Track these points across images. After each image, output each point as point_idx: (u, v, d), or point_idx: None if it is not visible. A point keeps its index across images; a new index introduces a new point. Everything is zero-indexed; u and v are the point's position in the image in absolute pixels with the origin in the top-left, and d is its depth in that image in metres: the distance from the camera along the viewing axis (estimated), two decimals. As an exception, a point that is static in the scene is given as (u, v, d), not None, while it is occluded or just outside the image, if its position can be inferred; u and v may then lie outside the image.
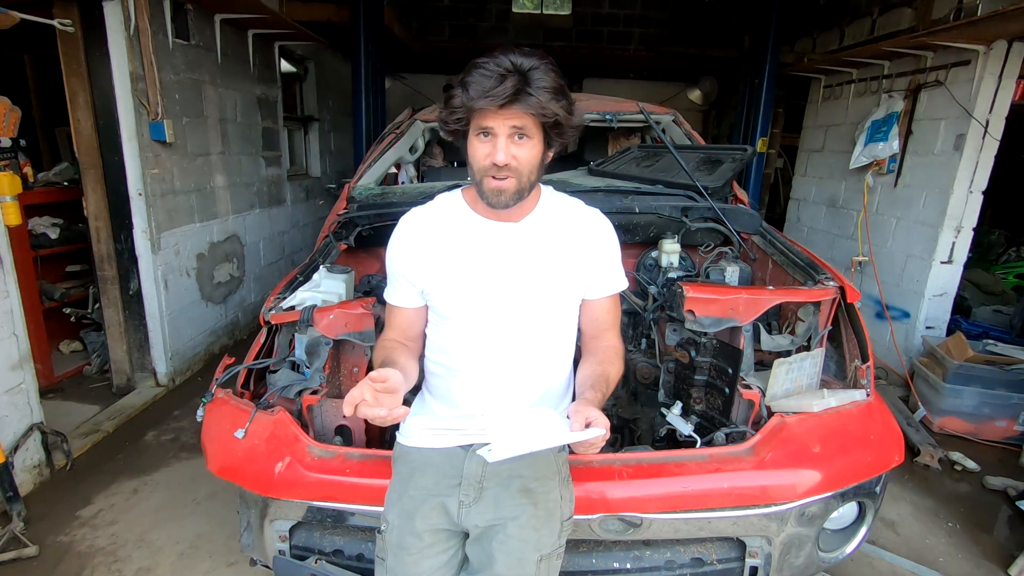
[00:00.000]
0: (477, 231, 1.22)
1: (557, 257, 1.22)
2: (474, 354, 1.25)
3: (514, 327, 1.23)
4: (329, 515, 1.39)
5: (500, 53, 1.05)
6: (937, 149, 3.42)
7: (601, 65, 7.22)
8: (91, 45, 2.86)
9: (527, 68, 1.04)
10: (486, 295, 1.21)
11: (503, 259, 1.21)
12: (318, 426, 1.60)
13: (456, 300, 1.23)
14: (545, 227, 1.23)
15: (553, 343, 1.28)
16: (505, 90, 1.01)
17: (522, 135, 1.08)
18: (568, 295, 1.26)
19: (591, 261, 1.26)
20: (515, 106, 1.03)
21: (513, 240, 1.22)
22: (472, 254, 1.21)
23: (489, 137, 1.08)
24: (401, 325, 1.31)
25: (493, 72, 1.03)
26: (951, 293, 3.50)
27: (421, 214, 1.28)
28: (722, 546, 1.44)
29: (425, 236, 1.24)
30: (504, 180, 1.10)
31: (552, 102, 1.05)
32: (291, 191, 4.96)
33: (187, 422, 2.99)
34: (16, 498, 2.19)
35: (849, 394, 1.53)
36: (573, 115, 1.10)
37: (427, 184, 2.79)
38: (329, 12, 4.83)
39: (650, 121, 2.64)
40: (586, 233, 1.26)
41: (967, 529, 2.36)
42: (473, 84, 1.04)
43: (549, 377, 1.29)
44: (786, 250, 2.01)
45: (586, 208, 1.30)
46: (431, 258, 1.23)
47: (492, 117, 1.05)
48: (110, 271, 3.16)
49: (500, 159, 1.07)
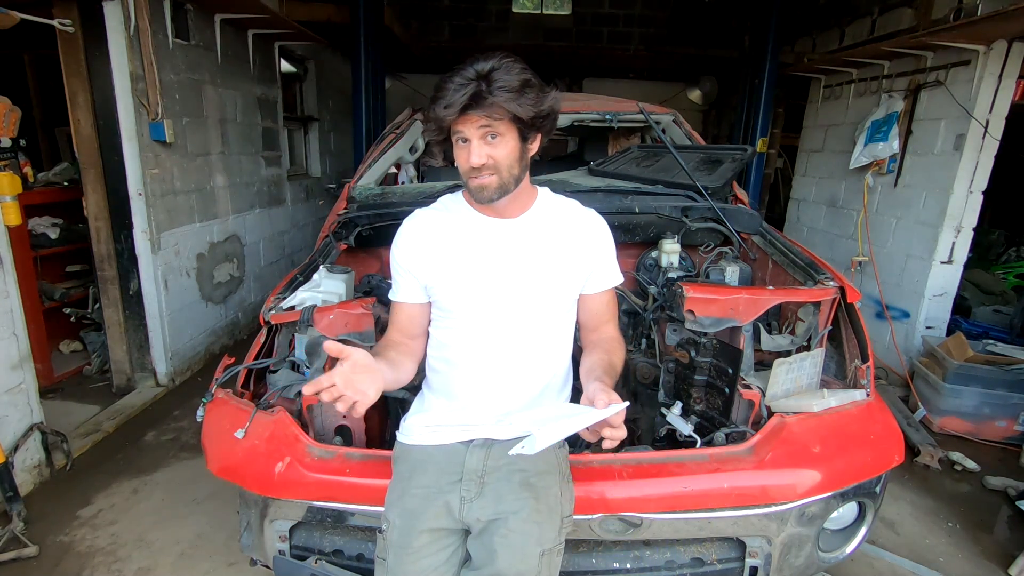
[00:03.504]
0: (477, 227, 1.27)
1: (555, 252, 1.27)
2: (475, 347, 1.28)
3: (514, 320, 1.26)
4: (329, 515, 1.39)
5: (469, 63, 1.11)
6: (937, 149, 3.42)
7: (601, 65, 7.23)
8: (91, 45, 2.87)
9: (487, 71, 1.09)
10: (487, 288, 1.25)
11: (503, 253, 1.25)
12: (318, 426, 1.60)
13: (458, 293, 1.27)
14: (543, 223, 1.28)
15: (552, 336, 1.32)
16: (463, 98, 1.07)
17: (494, 135, 1.13)
18: (566, 289, 1.31)
19: (588, 257, 1.30)
20: (473, 111, 1.09)
21: (512, 235, 1.27)
22: (473, 248, 1.26)
23: (466, 142, 1.15)
24: (403, 322, 1.34)
25: (457, 83, 1.09)
26: (951, 293, 3.49)
27: (424, 213, 1.34)
28: (722, 546, 1.44)
29: (429, 232, 1.29)
30: (484, 177, 1.16)
31: (511, 101, 1.09)
32: (291, 191, 4.96)
33: (187, 422, 2.99)
34: (16, 498, 2.19)
35: (849, 394, 1.53)
36: (543, 105, 1.14)
37: (427, 184, 2.79)
38: (329, 12, 4.83)
39: (650, 121, 2.64)
40: (582, 230, 1.31)
41: (967, 529, 2.36)
42: (440, 97, 1.10)
43: (548, 370, 1.32)
44: (786, 250, 2.01)
45: (582, 208, 1.35)
46: (435, 253, 1.27)
47: (462, 123, 1.12)
48: (110, 271, 3.16)
49: (475, 161, 1.13)
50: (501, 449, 1.20)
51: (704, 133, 7.40)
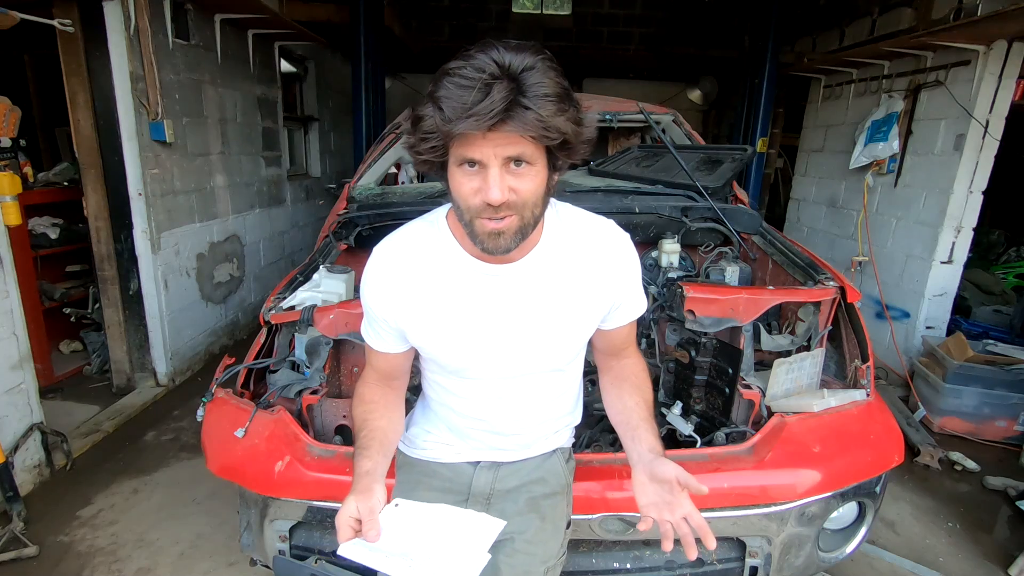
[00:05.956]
0: (468, 275, 0.98)
1: (567, 295, 1.00)
2: (474, 398, 1.11)
3: (518, 375, 1.07)
4: (329, 515, 1.38)
5: (479, 51, 0.78)
6: (937, 149, 3.42)
7: (601, 65, 7.22)
8: (91, 45, 2.87)
9: (519, 69, 0.77)
10: (485, 347, 1.02)
11: (502, 307, 0.99)
12: (318, 426, 1.60)
13: (450, 353, 1.04)
14: (551, 261, 0.99)
15: (560, 381, 1.13)
16: (493, 105, 0.75)
17: (520, 161, 0.82)
18: (578, 334, 1.06)
19: (610, 290, 1.03)
20: (507, 126, 0.77)
21: (512, 285, 0.98)
22: (465, 302, 0.99)
23: (476, 168, 0.83)
24: (383, 368, 1.11)
25: (473, 80, 0.76)
26: (951, 293, 3.49)
27: (399, 248, 1.01)
28: (722, 546, 1.44)
29: (406, 277, 1.00)
30: (502, 220, 0.85)
31: (557, 115, 0.78)
32: (291, 191, 4.96)
33: (187, 422, 2.99)
34: (16, 498, 2.18)
35: (849, 394, 1.53)
36: (583, 127, 0.84)
37: (427, 184, 2.78)
38: (329, 12, 4.83)
39: (650, 121, 2.64)
40: (602, 258, 1.02)
41: (967, 529, 2.36)
42: (448, 100, 0.77)
43: (555, 408, 1.17)
44: (786, 250, 2.01)
45: (598, 225, 1.04)
46: (415, 304, 1.00)
47: (479, 144, 0.79)
48: (110, 271, 3.16)
49: (495, 197, 0.81)
50: (509, 470, 1.16)
51: (704, 133, 7.40)
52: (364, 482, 0.94)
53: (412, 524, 0.96)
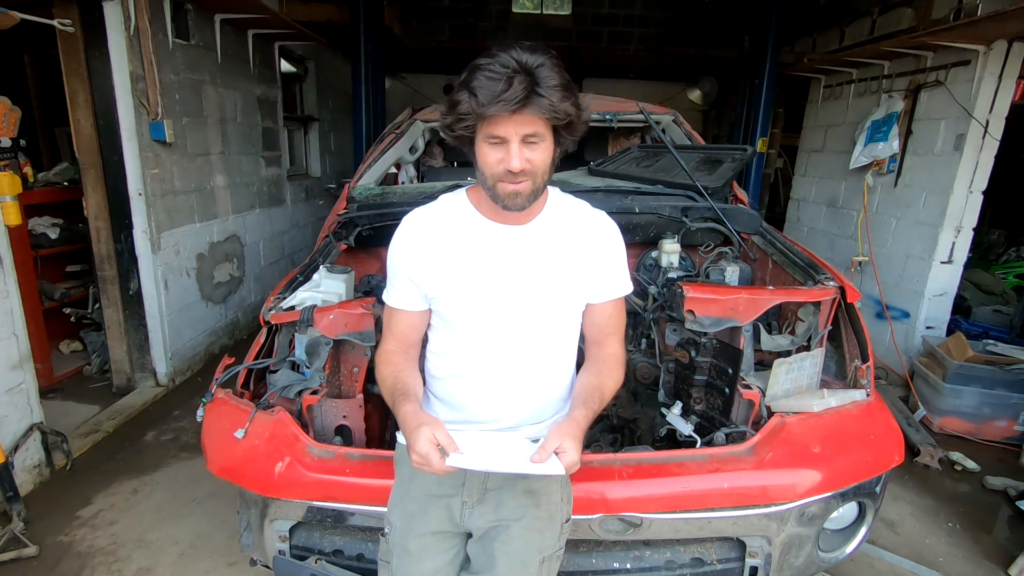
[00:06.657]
0: (484, 234, 1.18)
1: (563, 260, 1.19)
2: (478, 358, 1.22)
3: (520, 331, 1.20)
4: (329, 515, 1.39)
5: (500, 51, 1.01)
6: (937, 149, 3.42)
7: (601, 65, 7.22)
8: (91, 45, 2.87)
9: (534, 66, 0.99)
10: (493, 300, 1.17)
11: (510, 263, 1.17)
12: (318, 426, 1.60)
13: (462, 305, 1.19)
14: (551, 230, 1.20)
15: (557, 347, 1.25)
16: (515, 93, 0.97)
17: (534, 138, 1.04)
18: (573, 298, 1.23)
19: (596, 264, 1.22)
20: (527, 110, 0.99)
21: (521, 243, 1.18)
22: (479, 258, 1.17)
23: (500, 142, 1.04)
24: (402, 331, 1.25)
25: (500, 74, 0.98)
26: (951, 293, 3.50)
27: (425, 214, 1.22)
28: (722, 546, 1.44)
29: (430, 238, 1.19)
30: (520, 183, 1.07)
31: (564, 101, 1.01)
32: (291, 191, 4.96)
33: (187, 422, 2.99)
34: (16, 498, 2.19)
35: (849, 394, 1.53)
36: (583, 111, 1.08)
37: (427, 184, 2.79)
38: (329, 12, 4.84)
39: (650, 121, 2.64)
40: (592, 235, 1.23)
41: (967, 529, 2.36)
42: (481, 89, 0.99)
43: (552, 381, 1.26)
44: (786, 250, 2.01)
45: (592, 210, 1.26)
46: (437, 261, 1.18)
47: (504, 124, 1.01)
48: (110, 271, 3.16)
49: (515, 165, 1.03)
50: None
51: (704, 133, 7.40)
52: (420, 416, 1.07)
53: (477, 444, 1.08)
